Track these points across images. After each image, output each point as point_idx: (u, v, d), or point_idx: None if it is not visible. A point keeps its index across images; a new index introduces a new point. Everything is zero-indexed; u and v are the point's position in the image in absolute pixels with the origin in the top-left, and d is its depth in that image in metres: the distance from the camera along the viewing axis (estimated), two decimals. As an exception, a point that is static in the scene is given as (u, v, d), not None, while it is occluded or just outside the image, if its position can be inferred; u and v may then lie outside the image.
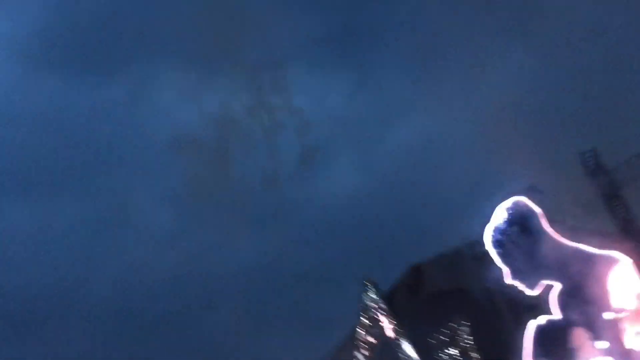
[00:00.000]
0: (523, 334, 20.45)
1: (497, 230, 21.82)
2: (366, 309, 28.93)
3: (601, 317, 18.38)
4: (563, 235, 20.06)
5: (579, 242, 19.57)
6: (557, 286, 19.76)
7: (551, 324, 19.57)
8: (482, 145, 23.16)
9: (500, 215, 21.74)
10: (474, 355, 25.21)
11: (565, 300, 19.48)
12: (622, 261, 18.60)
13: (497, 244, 21.67)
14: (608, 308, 18.42)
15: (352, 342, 29.94)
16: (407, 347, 27.38)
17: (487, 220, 21.87)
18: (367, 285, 28.71)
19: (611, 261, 18.78)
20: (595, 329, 18.29)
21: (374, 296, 28.42)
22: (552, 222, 20.44)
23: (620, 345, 18.25)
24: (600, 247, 19.13)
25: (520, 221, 21.21)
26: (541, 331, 20.32)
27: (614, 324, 18.20)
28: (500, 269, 21.44)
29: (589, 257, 19.25)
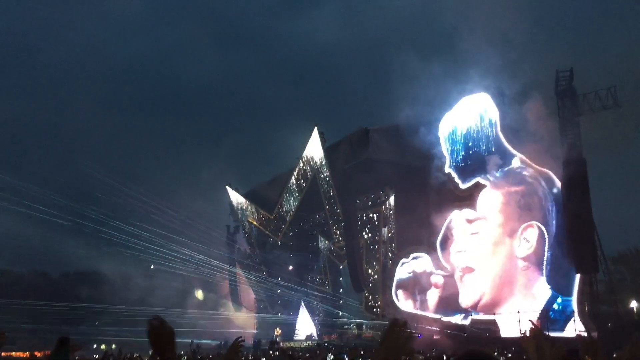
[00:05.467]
0: (443, 219, 21.78)
1: (453, 119, 22.30)
2: (306, 157, 29.61)
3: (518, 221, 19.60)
4: (508, 141, 20.70)
5: (522, 151, 20.23)
6: (488, 186, 20.78)
7: (472, 216, 20.83)
8: (470, 33, 22.64)
9: (462, 105, 22.09)
10: (391, 225, 26.69)
11: (490, 199, 20.60)
12: (554, 180, 19.50)
13: (450, 132, 22.29)
14: (527, 217, 19.58)
15: (287, 177, 30.97)
16: (335, 200, 28.59)
17: (449, 108, 22.22)
18: (315, 133, 29.09)
19: (545, 177, 19.64)
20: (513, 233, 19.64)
21: (318, 146, 28.94)
22: (503, 126, 20.97)
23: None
24: (539, 163, 19.83)
25: (477, 117, 21.69)
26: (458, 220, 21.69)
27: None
28: (443, 156, 22.26)
29: (526, 167, 20.07)
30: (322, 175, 28.86)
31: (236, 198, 34.11)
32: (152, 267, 33.75)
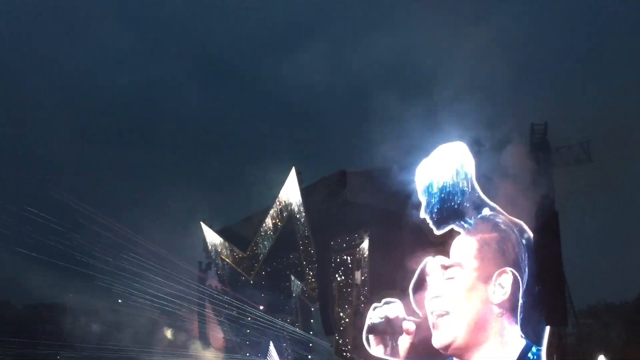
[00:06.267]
0: (418, 263, 21.69)
1: (429, 170, 22.40)
2: (283, 197, 29.55)
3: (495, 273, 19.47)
4: (483, 189, 20.88)
5: (495, 200, 20.41)
6: (462, 233, 20.81)
7: (446, 262, 20.70)
8: (449, 81, 23.20)
9: (438, 154, 22.28)
10: (364, 268, 26.53)
11: (464, 245, 20.57)
12: (526, 229, 19.65)
13: (426, 177, 22.37)
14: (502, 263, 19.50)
15: (262, 216, 30.78)
16: (309, 241, 28.45)
17: (426, 155, 22.43)
18: (292, 173, 29.12)
19: (518, 228, 19.78)
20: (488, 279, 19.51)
21: (295, 186, 28.93)
22: (479, 175, 21.20)
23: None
24: (511, 212, 20.01)
25: (453, 171, 21.82)
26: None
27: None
28: (419, 201, 22.31)
29: (498, 214, 20.16)
30: (297, 216, 28.78)
31: (210, 235, 33.74)
32: (119, 301, 33.02)
